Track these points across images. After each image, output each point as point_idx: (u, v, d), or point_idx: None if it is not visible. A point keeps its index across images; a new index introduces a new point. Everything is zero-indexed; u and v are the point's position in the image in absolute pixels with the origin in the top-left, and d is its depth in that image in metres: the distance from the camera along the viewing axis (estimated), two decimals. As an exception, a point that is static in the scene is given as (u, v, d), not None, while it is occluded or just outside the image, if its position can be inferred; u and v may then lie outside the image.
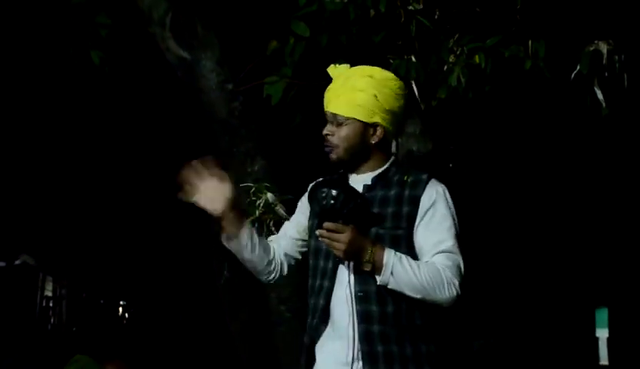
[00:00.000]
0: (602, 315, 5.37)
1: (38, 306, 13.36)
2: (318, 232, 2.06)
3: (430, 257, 2.08)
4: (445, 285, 2.04)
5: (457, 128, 3.72)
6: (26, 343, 9.61)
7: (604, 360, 5.25)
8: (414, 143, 3.57)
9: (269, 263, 2.26)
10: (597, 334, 5.32)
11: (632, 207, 6.11)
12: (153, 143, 6.27)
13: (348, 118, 2.15)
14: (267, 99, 3.43)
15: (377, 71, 2.20)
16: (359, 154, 2.17)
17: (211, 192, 2.18)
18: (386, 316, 2.06)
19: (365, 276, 2.05)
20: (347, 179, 2.21)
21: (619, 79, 3.24)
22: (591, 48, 3.17)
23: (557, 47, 3.21)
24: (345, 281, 2.10)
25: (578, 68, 3.20)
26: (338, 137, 2.16)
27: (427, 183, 2.13)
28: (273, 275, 2.30)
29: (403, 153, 3.58)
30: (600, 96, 3.23)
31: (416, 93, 3.35)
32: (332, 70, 2.25)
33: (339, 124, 2.16)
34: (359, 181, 2.19)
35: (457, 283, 2.07)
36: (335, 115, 2.17)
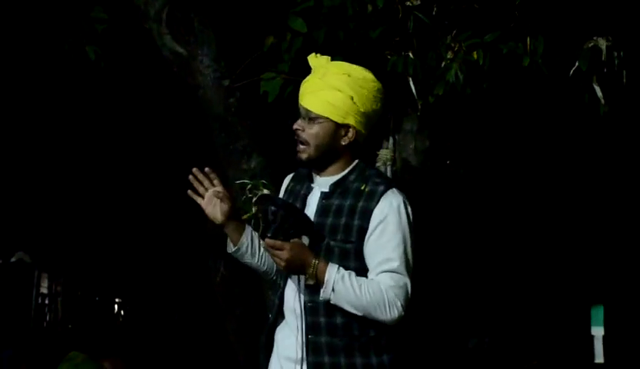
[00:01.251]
0: (598, 313, 5.36)
1: (33, 303, 13.32)
2: (262, 247, 2.12)
3: (375, 275, 2.04)
4: (387, 306, 2.01)
5: (454, 125, 3.70)
6: (23, 338, 9.58)
7: (599, 358, 5.25)
8: (411, 140, 3.56)
9: (271, 264, 2.24)
10: (592, 332, 5.31)
11: (629, 205, 6.11)
12: (149, 140, 6.25)
13: (320, 116, 2.10)
14: (264, 95, 3.41)
15: (356, 70, 2.15)
16: (328, 154, 2.13)
17: (213, 201, 2.22)
18: (334, 327, 2.05)
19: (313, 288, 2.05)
20: (307, 178, 2.21)
21: (618, 76, 3.23)
22: (590, 45, 3.16)
23: (555, 43, 3.20)
24: (294, 289, 2.12)
25: (577, 64, 3.19)
26: (308, 134, 2.12)
27: (382, 195, 2.06)
28: (271, 272, 2.30)
29: (400, 150, 3.56)
30: (599, 93, 3.22)
31: (413, 90, 3.33)
32: (312, 59, 2.20)
33: (311, 120, 2.12)
34: (322, 183, 2.16)
35: (400, 304, 2.02)
36: (307, 111, 2.12)
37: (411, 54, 3.26)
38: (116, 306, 17.27)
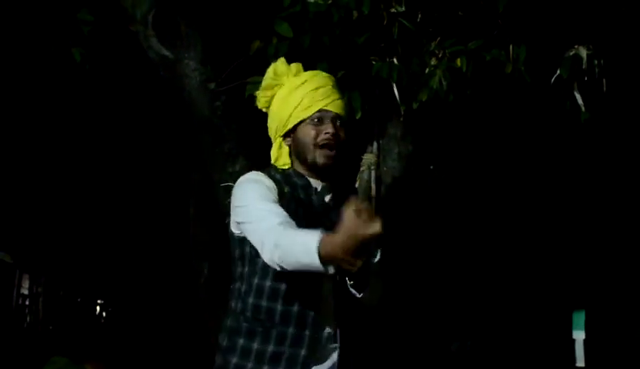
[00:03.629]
0: (579, 317, 5.41)
1: (14, 303, 13.21)
2: None
3: None
4: None
5: (438, 131, 3.74)
6: (4, 341, 9.50)
7: (580, 361, 5.30)
8: (395, 145, 3.59)
9: None
10: (574, 336, 5.37)
11: (610, 211, 6.18)
12: (134, 142, 6.24)
13: (344, 122, 2.12)
14: (249, 99, 3.43)
15: None
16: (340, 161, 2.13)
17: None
18: None
19: None
20: (310, 184, 2.14)
21: (599, 84, 3.28)
22: (572, 53, 3.21)
23: (537, 51, 3.24)
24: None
25: (558, 72, 3.24)
26: (340, 139, 2.10)
27: None
28: None
29: (384, 155, 3.59)
30: (580, 100, 3.28)
31: (397, 95, 3.36)
32: (323, 78, 2.18)
33: (342, 127, 2.11)
34: (322, 186, 2.14)
35: None
36: (338, 116, 2.11)
37: (395, 60, 3.29)
38: (98, 307, 17.17)
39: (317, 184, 2.15)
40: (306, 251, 1.78)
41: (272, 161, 2.22)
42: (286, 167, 2.18)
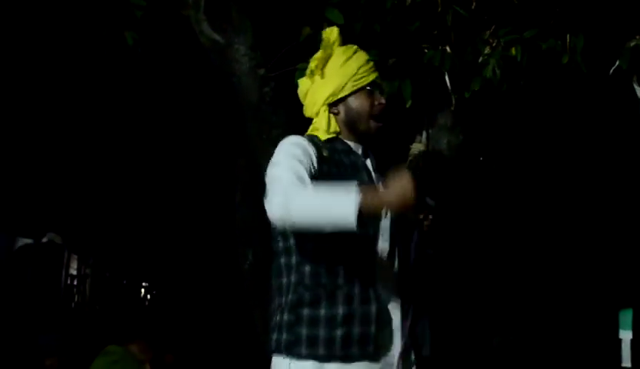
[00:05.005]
0: (626, 317, 5.29)
1: (63, 284, 13.51)
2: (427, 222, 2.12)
3: None
4: None
5: (489, 122, 3.67)
6: (60, 320, 9.72)
7: (626, 362, 5.18)
8: (445, 135, 3.53)
9: None
10: (620, 336, 5.25)
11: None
12: (183, 126, 6.29)
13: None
14: (298, 86, 3.41)
15: None
16: None
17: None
18: None
19: None
20: (350, 148, 2.19)
21: (659, 76, 3.17)
22: (632, 44, 3.10)
23: (596, 41, 3.15)
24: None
25: (617, 63, 3.14)
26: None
27: None
28: None
29: (433, 145, 3.54)
30: (639, 93, 3.17)
31: (449, 84, 3.31)
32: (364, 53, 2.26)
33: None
34: (359, 148, 2.21)
35: None
36: (381, 85, 2.24)
37: (448, 49, 3.23)
38: (143, 290, 17.47)
39: (358, 148, 2.20)
40: (343, 201, 1.81)
41: (311, 131, 2.21)
42: (331, 136, 2.18)
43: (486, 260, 5.59)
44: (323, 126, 2.18)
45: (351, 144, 2.18)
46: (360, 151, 2.20)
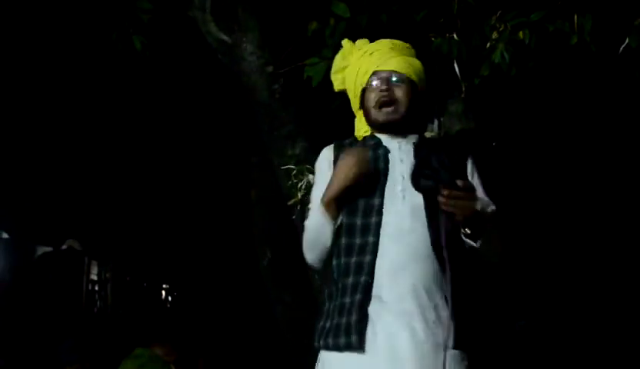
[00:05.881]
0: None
1: (84, 289, 13.60)
2: (444, 200, 1.97)
3: None
4: None
5: (500, 107, 3.66)
6: (80, 326, 9.81)
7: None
8: (456, 122, 3.53)
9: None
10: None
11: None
12: (195, 127, 6.31)
13: (405, 77, 2.20)
14: (307, 81, 3.42)
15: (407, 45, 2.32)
16: (411, 116, 2.21)
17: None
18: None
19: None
20: (380, 141, 2.24)
21: (670, 53, 3.14)
22: (641, 21, 3.08)
23: (604, 21, 3.12)
24: (413, 247, 2.08)
25: (627, 41, 3.11)
26: (399, 94, 2.19)
27: (467, 156, 2.24)
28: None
29: (445, 132, 3.53)
30: (650, 71, 3.14)
31: (458, 72, 3.30)
32: (377, 44, 2.29)
33: (396, 82, 2.20)
34: (398, 144, 2.21)
35: None
36: (393, 73, 2.20)
37: (455, 36, 3.22)
38: (164, 292, 17.55)
39: (389, 141, 2.22)
40: (315, 209, 2.14)
41: (355, 134, 2.36)
42: (366, 134, 2.30)
43: (510, 245, 5.56)
44: (356, 128, 2.35)
45: (383, 137, 2.23)
46: (397, 143, 2.20)
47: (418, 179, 2.00)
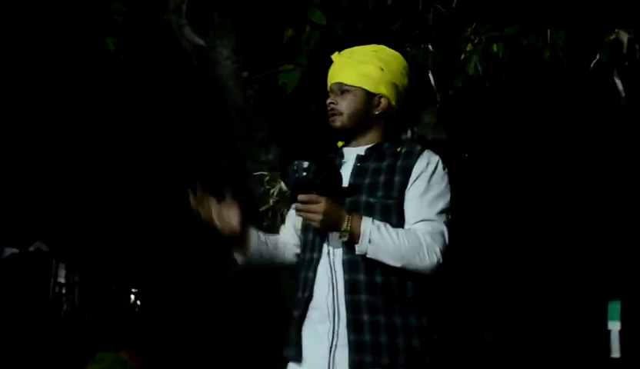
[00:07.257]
0: (615, 308, 5.32)
1: (51, 292, 13.43)
2: (294, 206, 2.07)
3: (411, 224, 2.05)
4: (425, 251, 2.00)
5: (473, 118, 3.69)
6: (47, 334, 9.66)
7: (615, 352, 5.21)
8: (429, 132, 3.55)
9: (282, 258, 2.32)
10: (609, 327, 5.28)
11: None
12: (167, 130, 6.27)
13: (354, 87, 2.17)
14: (282, 87, 3.42)
15: (382, 48, 2.26)
16: (361, 123, 2.19)
17: (220, 214, 2.26)
18: (374, 286, 2.02)
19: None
20: (342, 153, 2.23)
21: (639, 69, 3.20)
22: (612, 37, 3.12)
23: (576, 36, 3.17)
24: (326, 252, 2.09)
25: (598, 57, 3.16)
26: (342, 104, 2.18)
27: (420, 153, 2.13)
28: (289, 261, 2.34)
29: (418, 143, 3.55)
30: (620, 86, 3.19)
31: (432, 82, 3.32)
32: (336, 56, 2.28)
33: (344, 92, 2.19)
34: (354, 152, 2.20)
35: (438, 249, 2.02)
36: (340, 84, 2.19)
37: (430, 47, 3.24)
38: (132, 296, 17.39)
39: (348, 149, 2.23)
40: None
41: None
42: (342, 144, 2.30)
43: (475, 256, 5.61)
44: None
45: (345, 149, 2.24)
46: (354, 153, 2.20)
47: (284, 176, 2.07)
